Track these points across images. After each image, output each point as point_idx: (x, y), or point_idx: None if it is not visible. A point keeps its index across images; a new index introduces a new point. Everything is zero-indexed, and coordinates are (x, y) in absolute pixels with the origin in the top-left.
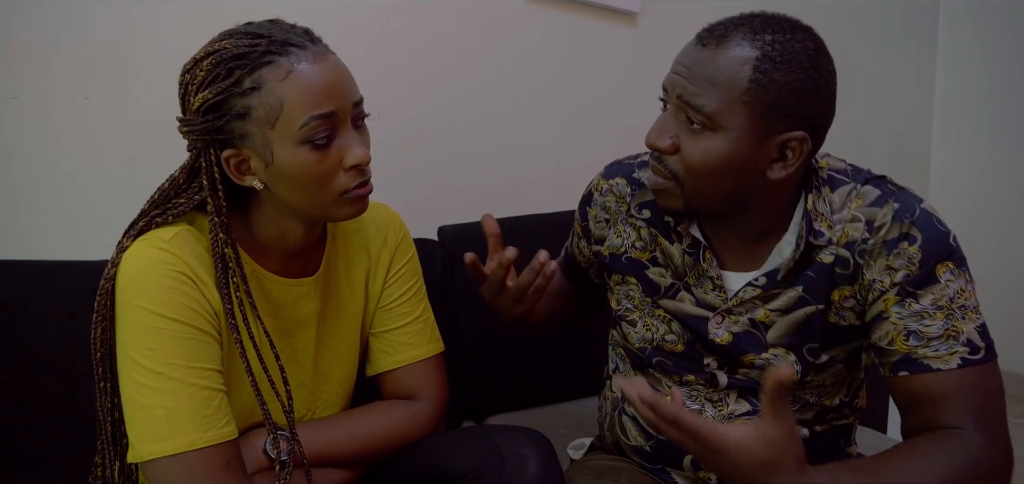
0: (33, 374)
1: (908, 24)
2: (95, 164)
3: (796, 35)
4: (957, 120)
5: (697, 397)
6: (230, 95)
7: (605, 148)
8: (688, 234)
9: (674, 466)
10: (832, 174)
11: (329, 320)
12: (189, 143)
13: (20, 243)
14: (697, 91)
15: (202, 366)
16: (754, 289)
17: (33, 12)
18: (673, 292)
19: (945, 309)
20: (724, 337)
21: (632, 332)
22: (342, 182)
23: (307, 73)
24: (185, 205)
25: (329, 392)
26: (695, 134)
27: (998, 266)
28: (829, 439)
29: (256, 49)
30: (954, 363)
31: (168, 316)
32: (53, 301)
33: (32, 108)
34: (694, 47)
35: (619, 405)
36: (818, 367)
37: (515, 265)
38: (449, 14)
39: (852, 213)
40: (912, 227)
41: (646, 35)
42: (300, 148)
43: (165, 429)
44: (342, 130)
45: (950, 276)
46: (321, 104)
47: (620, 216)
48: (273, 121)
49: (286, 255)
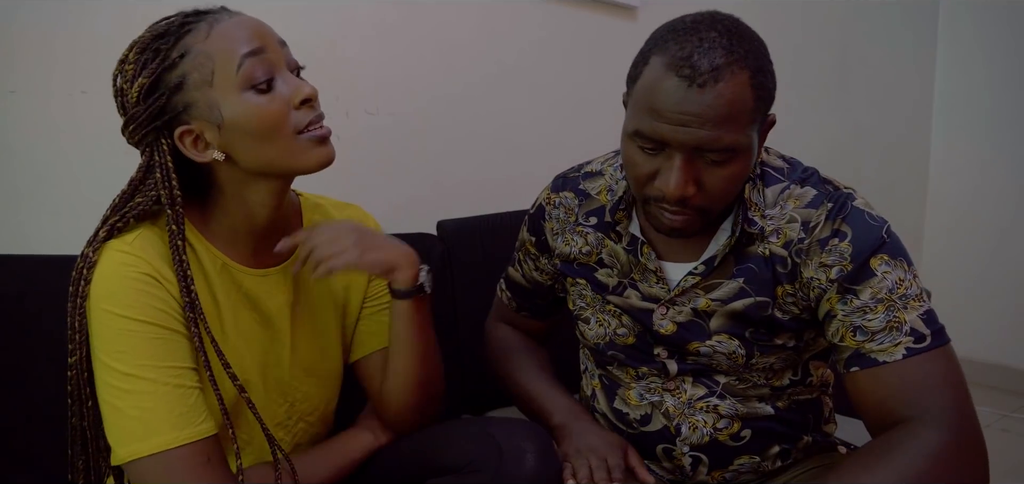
0: (32, 369)
1: (908, 22)
2: (94, 158)
3: (747, 33)
4: (956, 118)
5: (655, 388)
6: (162, 70)
7: (604, 143)
8: (627, 232)
9: (649, 457)
10: (767, 170)
11: (304, 312)
12: (140, 143)
13: (19, 237)
14: (716, 135)
15: (173, 365)
16: (694, 278)
17: (32, 6)
18: (620, 289)
19: (885, 301)
20: (668, 327)
21: (587, 330)
22: (296, 120)
23: (227, 24)
24: (142, 204)
25: (310, 387)
26: (714, 166)
27: (997, 263)
28: (794, 415)
29: (173, 24)
30: (899, 354)
31: (136, 318)
32: (52, 295)
33: (31, 102)
34: (687, 92)
35: (590, 405)
36: (763, 351)
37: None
38: (447, 8)
39: (789, 214)
40: (843, 223)
41: (646, 30)
42: (244, 95)
43: (141, 430)
44: (280, 72)
45: (886, 268)
46: (249, 43)
47: (568, 226)
48: (210, 78)
49: (256, 239)
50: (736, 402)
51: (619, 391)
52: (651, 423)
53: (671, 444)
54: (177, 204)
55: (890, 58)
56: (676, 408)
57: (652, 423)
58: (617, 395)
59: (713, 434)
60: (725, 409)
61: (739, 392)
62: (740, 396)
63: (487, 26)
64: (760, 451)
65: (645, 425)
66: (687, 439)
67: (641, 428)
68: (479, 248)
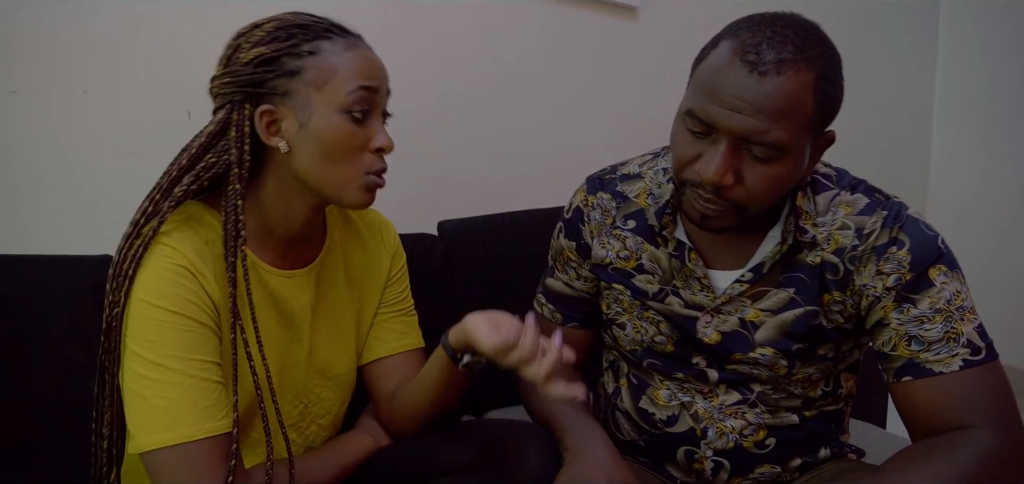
0: (33, 368)
1: (908, 22)
2: (95, 158)
3: (823, 39)
4: (957, 118)
5: (688, 389)
6: (285, 54)
7: (605, 142)
8: (673, 237)
9: (669, 460)
10: (816, 177)
11: (324, 314)
12: (222, 98)
13: (20, 237)
14: (766, 127)
15: (201, 358)
16: (741, 285)
17: (33, 6)
18: (661, 296)
19: (943, 312)
20: (713, 336)
21: (622, 335)
22: (366, 162)
23: (360, 52)
24: (216, 166)
25: (324, 390)
26: (758, 163)
27: (998, 263)
28: (819, 425)
29: (319, 24)
30: (957, 365)
31: (169, 309)
32: (53, 295)
33: (32, 102)
34: (746, 76)
35: (611, 401)
36: (805, 362)
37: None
38: (447, 8)
39: (841, 220)
40: (900, 231)
41: (646, 29)
42: (339, 116)
43: (166, 420)
44: (375, 115)
45: (944, 279)
46: (369, 78)
47: (604, 229)
48: (322, 84)
49: (285, 242)
50: (766, 410)
51: (648, 391)
52: (677, 424)
53: (695, 447)
54: (244, 166)
55: (890, 58)
56: (706, 411)
57: (678, 424)
58: (645, 394)
59: (738, 440)
60: (754, 416)
61: (771, 401)
62: (772, 405)
63: (487, 26)
64: (782, 461)
65: (671, 426)
66: (712, 443)
67: (666, 428)
68: (479, 248)
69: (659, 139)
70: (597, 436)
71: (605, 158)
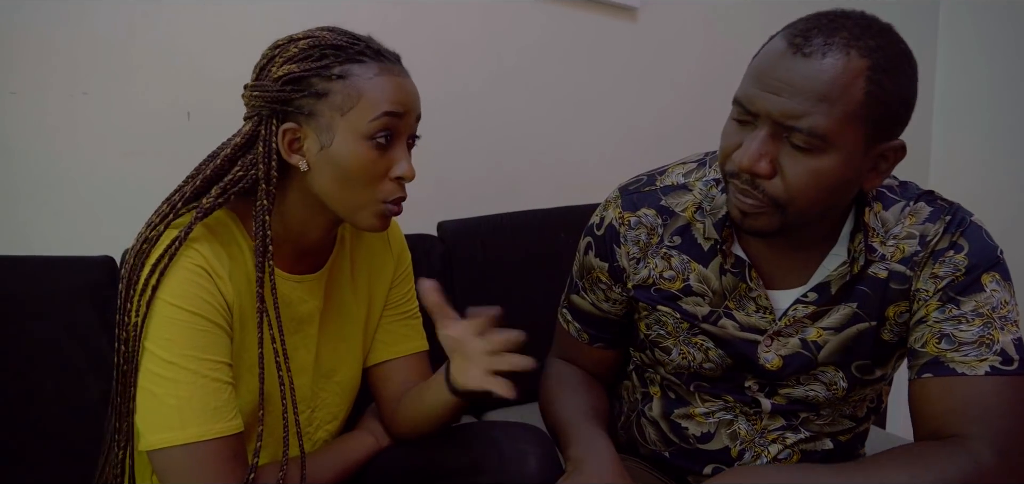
0: (31, 370)
1: (908, 22)
2: (94, 159)
3: (890, 36)
4: (957, 118)
5: (731, 407)
6: (315, 75)
7: (605, 144)
8: (731, 254)
9: (695, 474)
10: (881, 190)
11: (331, 318)
12: (251, 110)
13: (18, 238)
14: (805, 110)
15: (214, 358)
16: (805, 307)
17: (32, 7)
18: (713, 318)
19: (985, 316)
20: (774, 362)
21: (667, 359)
22: (385, 190)
23: (389, 78)
24: (243, 179)
25: (330, 394)
26: (799, 153)
27: None
28: (849, 448)
29: (354, 46)
30: (982, 370)
31: (185, 308)
32: (53, 295)
33: (31, 103)
34: (789, 58)
35: (638, 408)
36: (864, 384)
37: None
38: (447, 8)
39: (907, 230)
40: (961, 237)
41: (646, 30)
42: (361, 142)
43: (176, 419)
44: (398, 142)
45: (996, 286)
46: (395, 104)
47: (650, 249)
48: (347, 109)
49: (298, 251)
50: (808, 436)
51: (686, 407)
52: (712, 442)
53: (725, 465)
54: (272, 182)
55: None
56: (749, 433)
57: (713, 442)
58: (681, 409)
59: (770, 463)
60: (791, 440)
61: (815, 428)
62: (815, 431)
63: (487, 26)
64: None
65: (704, 442)
66: (746, 464)
67: (698, 445)
68: (479, 248)
69: (659, 139)
70: (603, 449)
71: (605, 158)
